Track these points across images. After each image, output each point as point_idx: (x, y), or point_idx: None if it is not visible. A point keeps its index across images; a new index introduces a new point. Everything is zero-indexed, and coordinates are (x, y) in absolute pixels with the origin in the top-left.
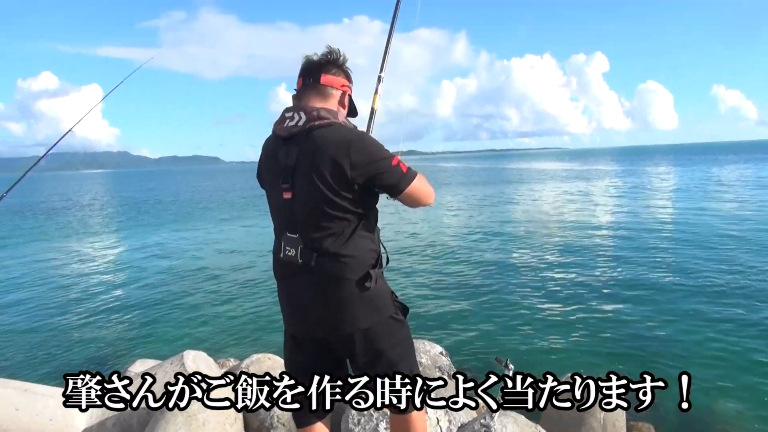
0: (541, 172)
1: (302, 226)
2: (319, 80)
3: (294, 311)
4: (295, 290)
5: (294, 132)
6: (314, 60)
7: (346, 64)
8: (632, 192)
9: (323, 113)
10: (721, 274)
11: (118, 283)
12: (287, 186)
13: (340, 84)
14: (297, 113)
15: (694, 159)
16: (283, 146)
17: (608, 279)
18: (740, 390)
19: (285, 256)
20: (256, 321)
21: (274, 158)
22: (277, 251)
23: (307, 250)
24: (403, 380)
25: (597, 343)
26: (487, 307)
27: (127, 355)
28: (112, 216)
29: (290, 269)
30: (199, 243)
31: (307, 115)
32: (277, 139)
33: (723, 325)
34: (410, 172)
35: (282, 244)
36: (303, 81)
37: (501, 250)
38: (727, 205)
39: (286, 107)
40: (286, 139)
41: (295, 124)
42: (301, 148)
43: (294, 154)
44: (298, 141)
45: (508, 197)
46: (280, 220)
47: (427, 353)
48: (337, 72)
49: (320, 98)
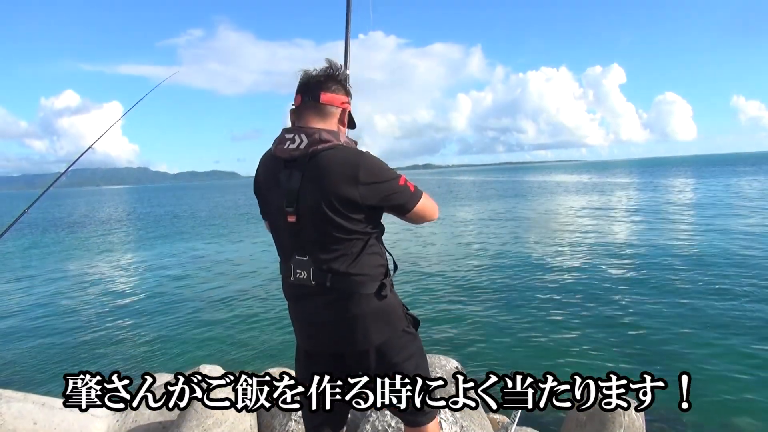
0: (557, 184)
1: (311, 248)
2: (318, 99)
3: (309, 331)
4: (310, 311)
5: (295, 155)
6: (313, 77)
7: (346, 79)
8: (647, 204)
9: (325, 135)
10: (726, 279)
11: (134, 297)
12: (291, 210)
13: (340, 102)
14: (298, 135)
15: (712, 171)
16: (285, 169)
17: (623, 291)
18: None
19: (296, 279)
20: (272, 336)
21: (275, 180)
22: (287, 274)
23: (318, 272)
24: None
25: (612, 355)
26: (502, 319)
27: (144, 368)
28: (130, 231)
29: (303, 291)
30: (216, 257)
31: (309, 138)
32: (277, 161)
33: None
34: (417, 191)
35: (292, 268)
36: (302, 98)
37: (514, 263)
38: (741, 215)
39: (285, 128)
40: (287, 161)
41: (297, 147)
42: (305, 173)
43: (297, 178)
44: (301, 165)
45: (522, 210)
46: (287, 243)
47: (443, 368)
48: (337, 89)
49: (320, 117)
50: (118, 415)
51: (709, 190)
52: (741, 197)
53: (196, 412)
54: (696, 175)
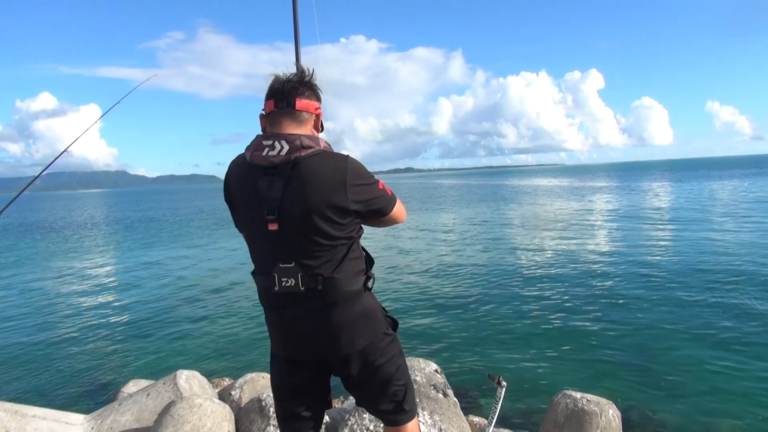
0: (537, 188)
1: (297, 256)
2: (294, 105)
3: (293, 339)
4: (296, 318)
5: (276, 162)
6: (287, 83)
7: (316, 84)
8: (627, 208)
9: (306, 141)
10: (709, 288)
11: (112, 303)
12: (273, 218)
13: (314, 108)
14: (278, 141)
15: (689, 174)
16: (264, 177)
17: (599, 294)
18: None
19: (282, 288)
20: (250, 340)
21: (252, 189)
22: (269, 285)
23: (308, 277)
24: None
25: (588, 357)
26: (481, 323)
27: (120, 374)
28: (107, 235)
29: (289, 299)
30: (193, 262)
31: (290, 144)
32: (254, 168)
33: (712, 339)
34: (393, 195)
35: (276, 277)
36: (275, 104)
37: (494, 267)
38: (719, 220)
39: (261, 134)
40: (267, 168)
41: (277, 154)
42: (289, 180)
43: (279, 185)
44: (283, 172)
45: (503, 214)
46: (269, 252)
47: (422, 371)
48: (310, 94)
49: (296, 124)
50: (93, 421)
51: (685, 194)
52: (714, 201)
53: (173, 418)
54: (672, 179)
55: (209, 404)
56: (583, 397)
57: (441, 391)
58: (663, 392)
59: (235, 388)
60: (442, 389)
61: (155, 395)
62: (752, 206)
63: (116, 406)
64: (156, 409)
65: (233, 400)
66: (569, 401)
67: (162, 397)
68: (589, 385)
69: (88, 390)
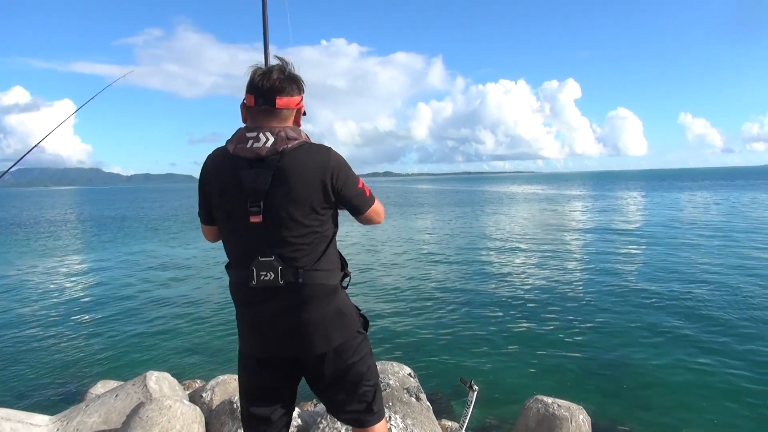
0: (514, 195)
1: (278, 249)
2: (274, 104)
3: (264, 334)
4: (271, 314)
5: (263, 154)
6: (267, 80)
7: (298, 76)
8: (599, 217)
9: (291, 133)
10: (678, 296)
11: (81, 302)
12: (257, 210)
13: (295, 103)
14: (263, 133)
15: (662, 185)
16: (249, 169)
17: (571, 301)
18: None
19: (260, 282)
20: (221, 342)
21: (234, 181)
22: (246, 279)
23: (288, 270)
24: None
25: (559, 363)
26: (455, 328)
27: (89, 376)
28: (77, 234)
29: (266, 294)
30: (165, 261)
31: (275, 136)
32: (237, 161)
33: (681, 346)
34: (371, 196)
35: (255, 271)
36: (255, 100)
37: (468, 272)
38: (686, 229)
39: (245, 126)
40: (252, 161)
41: (263, 146)
42: (276, 172)
43: (266, 177)
44: (271, 164)
45: (479, 220)
46: (248, 245)
47: (395, 375)
48: (291, 90)
49: (276, 120)
50: (59, 423)
51: (655, 204)
52: (683, 211)
53: (141, 419)
54: (645, 189)
55: (179, 406)
56: (554, 402)
57: (414, 395)
58: (632, 398)
59: (206, 390)
60: (415, 393)
61: (124, 396)
62: (719, 216)
63: (83, 407)
64: (124, 410)
65: (204, 402)
66: (540, 406)
67: (131, 398)
68: (560, 390)
69: (54, 391)
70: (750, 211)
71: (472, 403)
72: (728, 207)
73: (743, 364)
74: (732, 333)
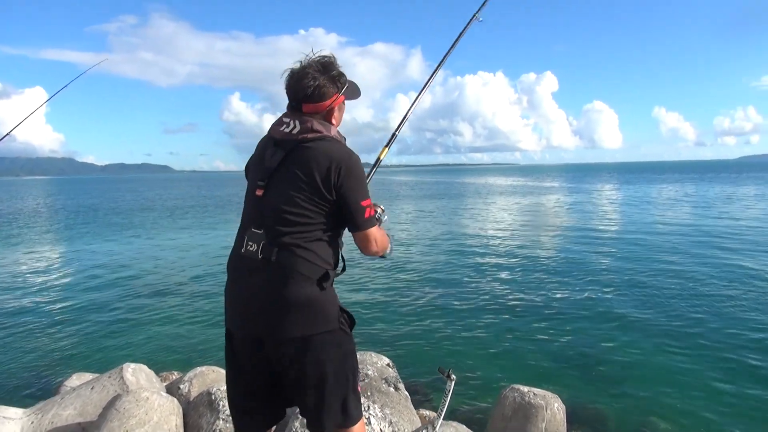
0: (492, 186)
1: (269, 223)
2: (301, 110)
3: (238, 307)
4: (247, 286)
5: (286, 138)
6: (296, 87)
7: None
8: (575, 208)
9: (317, 125)
10: (651, 285)
11: (54, 294)
12: (263, 184)
13: (325, 107)
14: (293, 120)
15: (636, 177)
16: (272, 147)
17: (547, 292)
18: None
19: (246, 251)
20: (199, 333)
21: (261, 156)
22: (239, 245)
23: (268, 246)
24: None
25: (535, 353)
26: (433, 318)
27: (64, 368)
28: (49, 225)
29: (247, 264)
30: (140, 253)
31: (302, 126)
32: (269, 140)
33: (655, 335)
34: (369, 221)
35: (245, 239)
36: (289, 98)
37: (445, 263)
38: (658, 220)
39: (285, 112)
40: (277, 141)
41: (290, 131)
42: (288, 155)
43: (279, 158)
44: (287, 147)
45: (457, 212)
46: (249, 215)
47: (374, 365)
48: (320, 95)
49: (307, 117)
50: (33, 416)
51: (629, 195)
52: (655, 202)
53: (118, 411)
54: (620, 181)
55: (156, 398)
56: (530, 391)
57: (392, 384)
58: (606, 386)
59: (183, 382)
60: (394, 383)
61: (100, 389)
62: (688, 209)
63: (58, 399)
64: (100, 402)
65: (182, 393)
66: (517, 395)
67: (107, 390)
68: (536, 379)
69: (28, 384)
70: (721, 204)
71: (449, 393)
72: (698, 200)
73: (711, 350)
74: (700, 321)
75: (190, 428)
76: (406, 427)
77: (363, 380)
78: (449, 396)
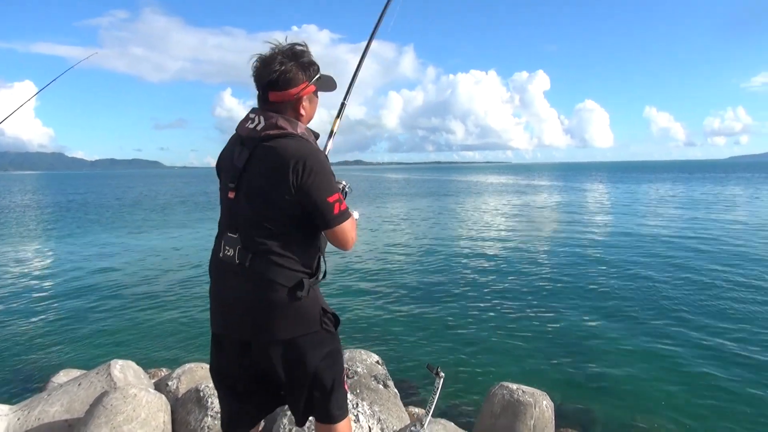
0: (483, 185)
1: (242, 227)
2: (267, 99)
3: (221, 310)
4: (227, 290)
5: (251, 135)
6: (262, 74)
7: (307, 57)
8: (565, 207)
9: (281, 122)
10: (640, 283)
11: (42, 289)
12: (233, 186)
13: (292, 96)
14: (258, 116)
15: (627, 177)
16: (239, 146)
17: (537, 290)
18: (664, 402)
19: (224, 256)
20: (188, 330)
21: (230, 156)
22: (217, 250)
23: (243, 251)
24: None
25: (524, 351)
26: (423, 316)
27: (50, 364)
28: (37, 220)
29: (226, 269)
30: (128, 249)
31: (266, 122)
32: (236, 138)
33: (642, 333)
34: (341, 215)
35: (222, 243)
36: (256, 88)
37: (435, 261)
38: (647, 219)
39: (253, 108)
40: (243, 139)
41: (254, 128)
42: (253, 153)
43: (245, 157)
44: (251, 145)
45: (448, 209)
46: (225, 218)
47: (363, 362)
48: (288, 81)
49: (273, 110)
50: (19, 412)
51: (619, 194)
52: (645, 201)
53: (105, 408)
54: (611, 180)
55: (144, 394)
56: (518, 389)
57: (382, 382)
58: (594, 384)
59: (172, 379)
60: (383, 380)
61: (87, 385)
62: (678, 208)
63: (45, 396)
64: (88, 399)
65: (170, 390)
66: (505, 392)
67: (94, 387)
68: (525, 377)
69: (14, 380)
70: (712, 203)
71: (438, 390)
72: (686, 199)
73: (697, 347)
74: (687, 319)
75: (178, 425)
76: (394, 424)
77: (352, 377)
78: (438, 393)
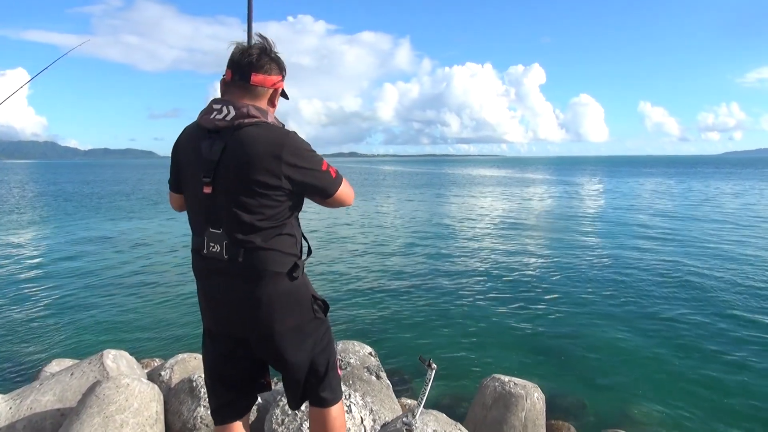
0: (478, 178)
1: (226, 221)
2: (249, 80)
3: (214, 308)
4: (218, 288)
5: (221, 126)
6: (245, 55)
7: (279, 57)
8: (559, 201)
9: (253, 111)
10: (631, 278)
11: (35, 278)
12: (208, 180)
13: (272, 83)
14: (226, 106)
15: (621, 171)
16: (208, 139)
17: (529, 283)
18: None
19: (209, 253)
20: (181, 319)
21: (196, 150)
22: (200, 248)
23: (232, 246)
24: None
25: (516, 344)
26: (415, 308)
27: (43, 353)
28: (30, 208)
29: (214, 266)
30: (121, 238)
31: (237, 111)
32: (201, 130)
33: (633, 325)
34: (338, 176)
35: (205, 241)
36: (232, 75)
37: (429, 253)
38: (641, 214)
39: (215, 98)
40: (211, 131)
41: (223, 118)
42: (228, 144)
43: (218, 149)
44: (225, 136)
45: (443, 202)
46: (201, 215)
47: (356, 354)
48: (269, 69)
49: (249, 97)
50: (11, 401)
51: (613, 189)
52: (638, 196)
53: (98, 398)
54: (605, 174)
55: (137, 384)
56: (510, 381)
57: (374, 373)
58: (585, 376)
59: (165, 369)
60: (376, 372)
61: (80, 375)
62: (670, 202)
63: (37, 385)
64: (80, 389)
65: (163, 380)
66: (497, 384)
67: (87, 376)
68: (516, 369)
69: (7, 369)
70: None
71: (430, 381)
72: (679, 194)
73: (688, 340)
74: (678, 312)
75: (170, 415)
76: (387, 416)
77: (345, 369)
78: (430, 385)
